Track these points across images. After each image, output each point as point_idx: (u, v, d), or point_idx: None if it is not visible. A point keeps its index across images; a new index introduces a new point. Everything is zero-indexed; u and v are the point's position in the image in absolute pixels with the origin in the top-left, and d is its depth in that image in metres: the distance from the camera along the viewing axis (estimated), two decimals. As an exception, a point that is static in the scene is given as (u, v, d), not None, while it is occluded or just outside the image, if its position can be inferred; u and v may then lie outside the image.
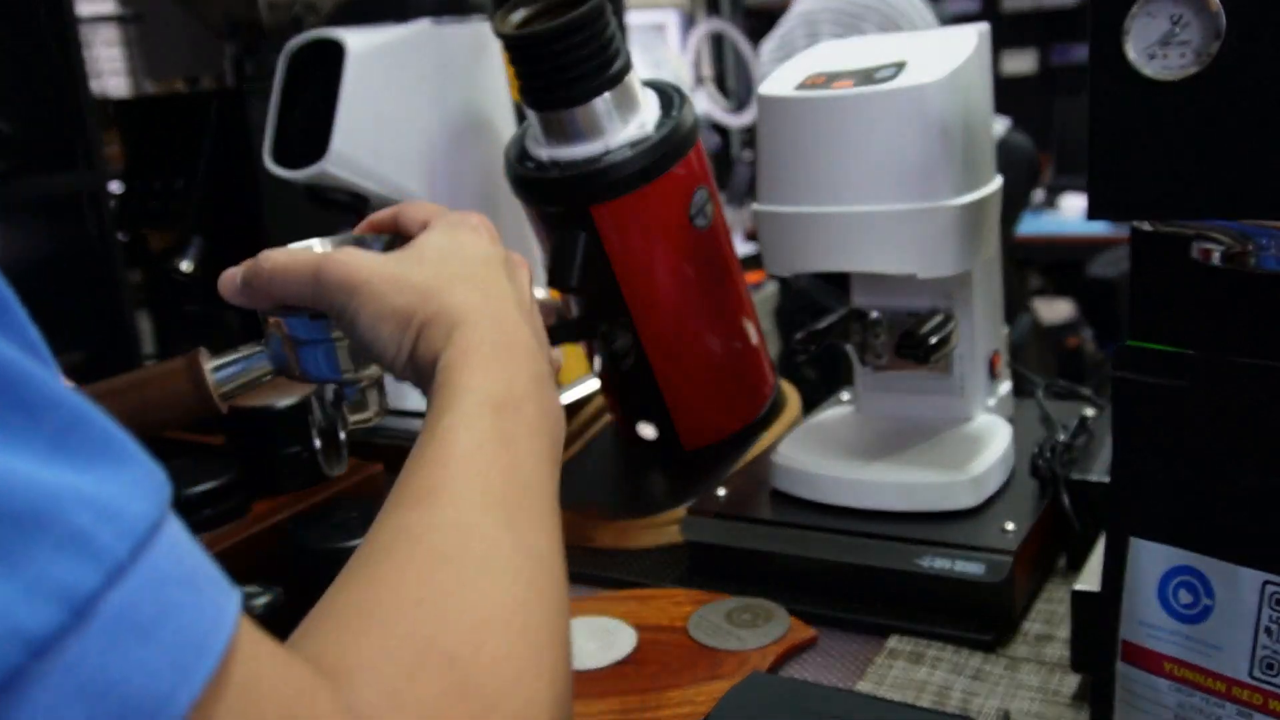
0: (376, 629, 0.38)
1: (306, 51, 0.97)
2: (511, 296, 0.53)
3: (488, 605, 0.39)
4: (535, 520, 0.44)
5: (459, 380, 0.47)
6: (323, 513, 0.79)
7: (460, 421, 0.45)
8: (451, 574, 0.40)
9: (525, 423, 0.47)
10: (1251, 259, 0.55)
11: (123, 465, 0.29)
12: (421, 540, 0.42)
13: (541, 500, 0.46)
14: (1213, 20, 0.51)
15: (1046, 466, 0.85)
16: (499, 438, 0.45)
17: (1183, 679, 0.54)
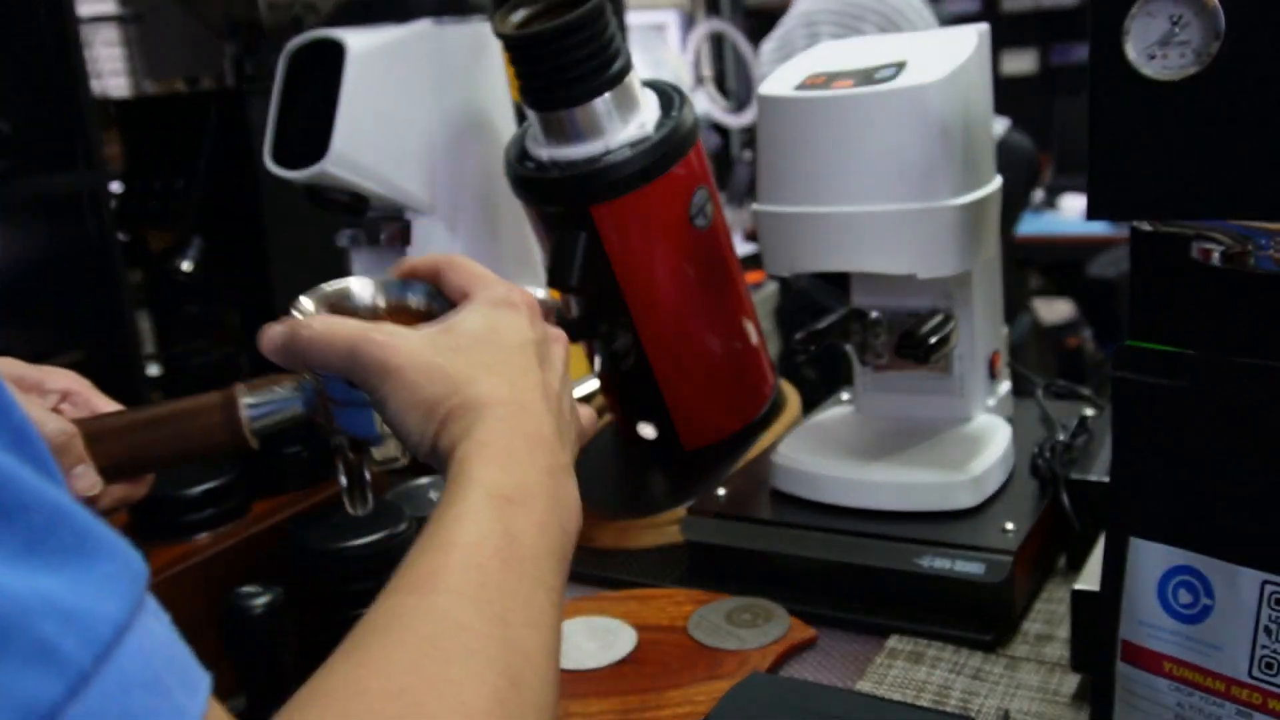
0: (356, 717, 0.39)
1: (306, 51, 0.96)
2: (540, 387, 0.54)
3: (468, 697, 0.40)
4: (530, 616, 0.45)
5: (471, 473, 0.48)
6: (323, 513, 0.79)
7: (467, 513, 0.46)
8: (437, 664, 0.41)
9: (533, 518, 0.48)
10: (1251, 259, 0.55)
11: (96, 562, 0.30)
12: (412, 627, 0.42)
13: (538, 595, 0.46)
14: (1213, 20, 0.51)
15: (1046, 466, 0.85)
16: (503, 532, 0.46)
17: (1182, 679, 0.54)
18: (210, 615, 0.69)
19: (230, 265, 1.40)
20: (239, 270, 1.37)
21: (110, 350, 1.65)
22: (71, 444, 0.58)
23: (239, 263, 1.40)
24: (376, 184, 0.97)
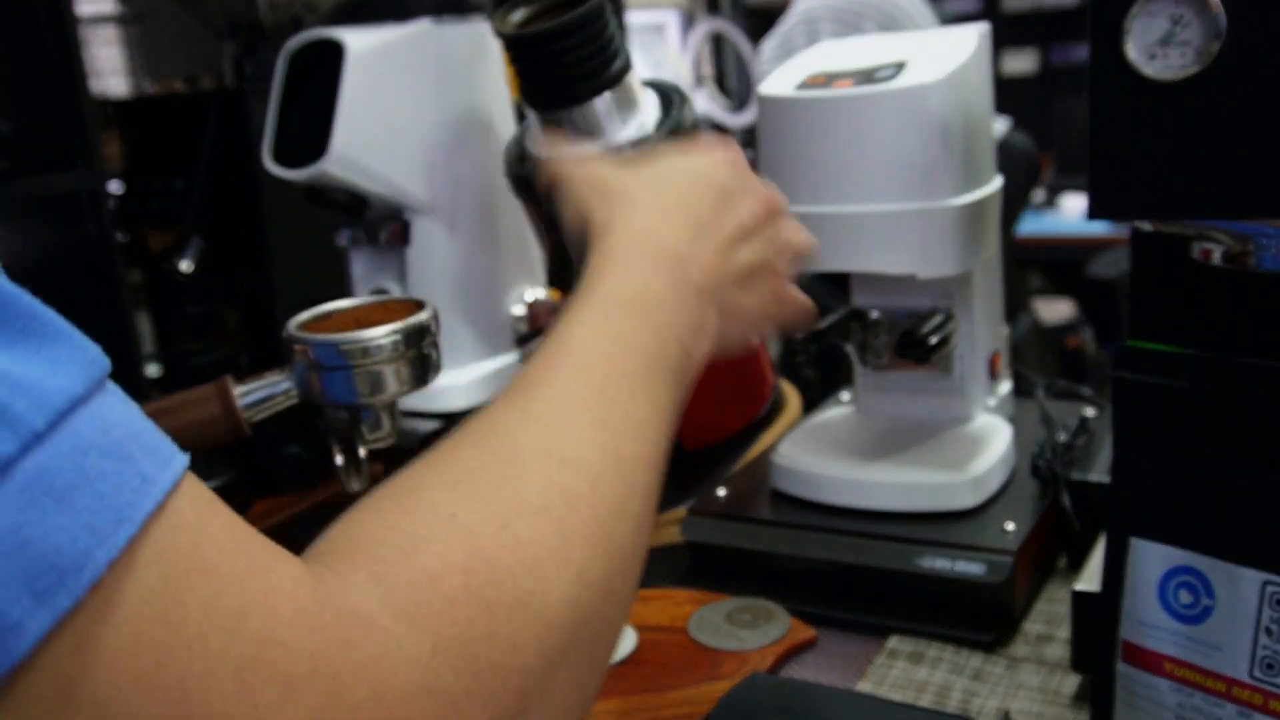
0: (395, 508, 0.38)
1: (306, 51, 0.96)
2: (692, 215, 0.53)
3: (532, 491, 0.39)
4: (631, 425, 0.43)
5: (593, 282, 0.49)
6: (323, 513, 0.79)
7: (581, 318, 0.46)
8: (508, 460, 0.40)
9: (650, 326, 0.47)
10: (1251, 259, 0.55)
11: (46, 344, 0.31)
12: (497, 428, 0.42)
13: (648, 404, 0.45)
14: (1213, 20, 0.51)
15: (1047, 466, 0.85)
16: (616, 336, 0.46)
17: (1183, 679, 0.54)
18: (210, 616, 0.69)
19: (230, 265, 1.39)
20: (239, 270, 1.37)
21: (110, 350, 1.65)
22: None
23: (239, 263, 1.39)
24: (376, 184, 0.97)
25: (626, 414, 0.44)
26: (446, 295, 1.02)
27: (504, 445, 0.41)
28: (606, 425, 0.42)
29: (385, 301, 0.70)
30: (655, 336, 0.47)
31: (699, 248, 0.53)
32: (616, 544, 0.40)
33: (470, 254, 1.03)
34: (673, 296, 0.49)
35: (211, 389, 0.65)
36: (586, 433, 0.42)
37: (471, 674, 0.34)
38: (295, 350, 0.65)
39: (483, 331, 1.04)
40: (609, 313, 0.46)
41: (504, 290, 1.06)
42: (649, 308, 0.48)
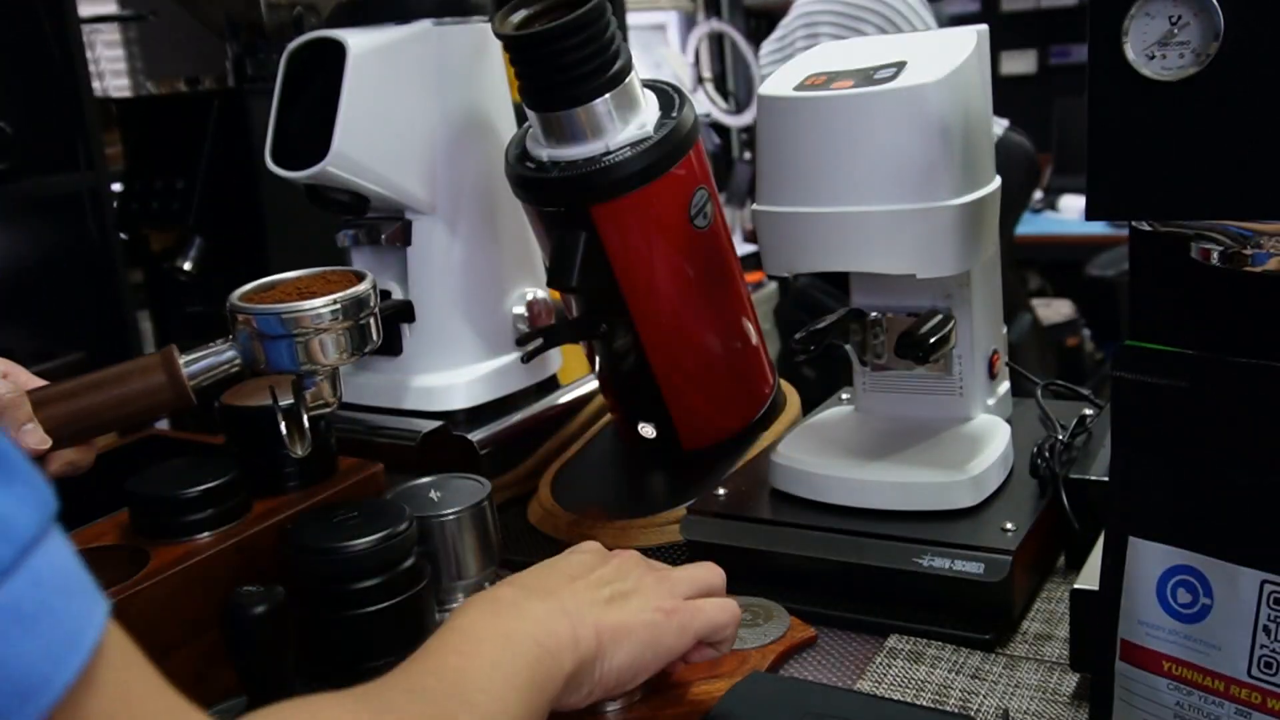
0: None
1: (307, 52, 0.96)
2: (554, 570, 0.69)
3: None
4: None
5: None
6: (323, 513, 0.79)
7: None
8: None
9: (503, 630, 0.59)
10: (1251, 259, 0.55)
11: (13, 482, 0.33)
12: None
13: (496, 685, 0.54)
14: (1211, 20, 0.51)
15: (1046, 466, 0.85)
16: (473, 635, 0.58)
17: (1181, 678, 0.54)
18: (210, 615, 0.69)
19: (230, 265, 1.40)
20: (239, 270, 1.37)
21: (110, 350, 1.65)
22: (20, 402, 0.64)
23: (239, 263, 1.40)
24: (377, 184, 0.97)
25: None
26: (447, 295, 1.03)
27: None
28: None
29: (326, 273, 0.74)
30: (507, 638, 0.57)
31: (565, 584, 0.65)
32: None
33: (471, 254, 1.03)
34: (534, 611, 0.60)
35: (156, 358, 0.68)
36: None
37: None
38: (238, 320, 0.69)
39: (483, 331, 1.04)
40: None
41: (504, 290, 1.06)
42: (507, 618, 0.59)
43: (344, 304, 0.70)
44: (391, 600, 0.75)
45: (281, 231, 1.30)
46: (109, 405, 0.68)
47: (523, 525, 1.00)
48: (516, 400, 1.06)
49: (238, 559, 0.76)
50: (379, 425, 1.01)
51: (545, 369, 1.10)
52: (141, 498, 0.77)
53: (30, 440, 0.64)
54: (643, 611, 0.64)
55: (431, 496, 0.86)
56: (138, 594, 0.69)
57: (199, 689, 0.74)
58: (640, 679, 0.64)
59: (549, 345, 0.98)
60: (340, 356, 0.71)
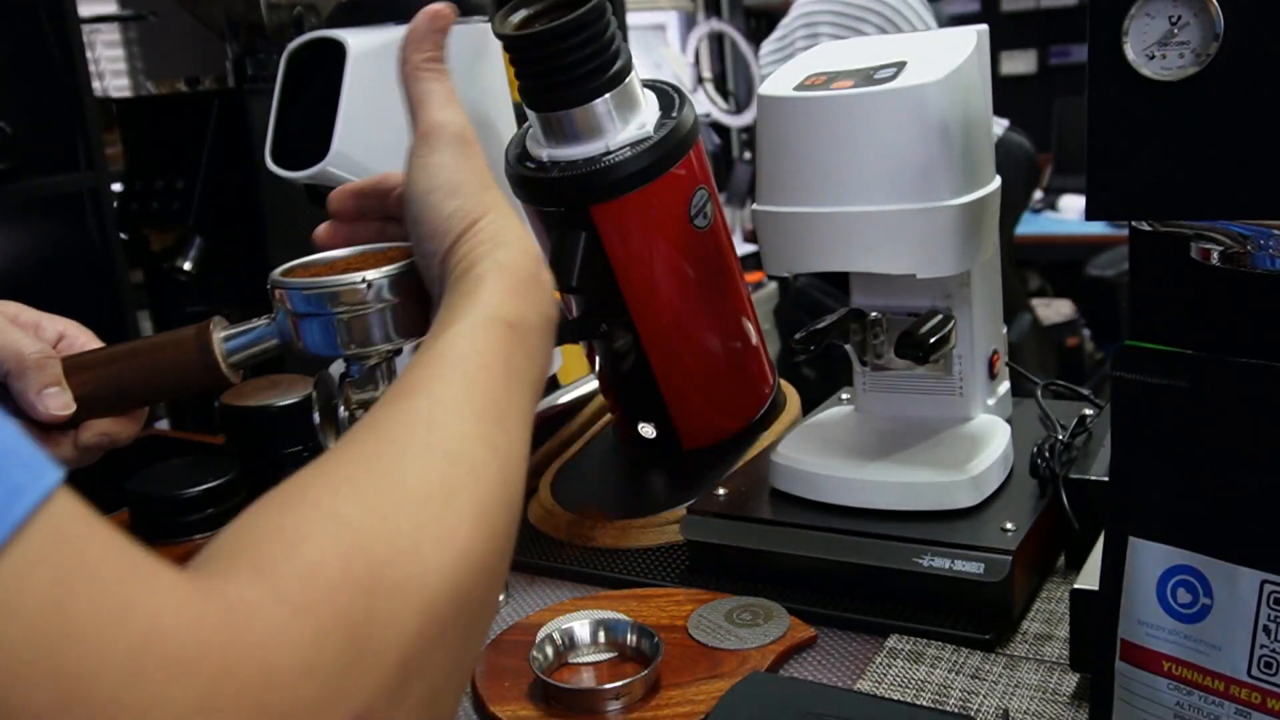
0: (280, 509, 0.40)
1: (307, 51, 0.96)
2: (542, 263, 0.57)
3: (414, 483, 0.41)
4: (505, 426, 0.47)
5: (482, 295, 0.51)
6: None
7: (467, 330, 0.49)
8: (392, 456, 0.42)
9: (523, 349, 0.51)
10: (1251, 259, 0.55)
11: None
12: (379, 429, 0.44)
13: (518, 413, 0.49)
14: (1211, 21, 0.51)
15: (1046, 466, 0.85)
16: (496, 351, 0.49)
17: (1181, 678, 0.54)
18: (211, 615, 0.69)
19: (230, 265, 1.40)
20: (239, 270, 1.37)
21: (111, 350, 1.65)
22: (48, 365, 0.61)
23: (239, 263, 1.40)
24: (377, 184, 0.97)
25: (501, 417, 0.47)
26: (447, 295, 1.02)
27: (389, 443, 0.43)
28: (483, 422, 0.46)
29: (388, 249, 0.65)
30: (526, 359, 0.51)
31: (548, 292, 0.58)
32: (495, 529, 0.44)
33: (470, 254, 1.03)
34: (541, 329, 0.53)
35: (192, 331, 0.63)
36: (467, 427, 0.45)
37: (353, 651, 0.36)
38: (275, 298, 0.61)
39: (483, 331, 1.04)
40: (491, 330, 0.50)
41: (504, 290, 1.06)
42: (527, 334, 0.52)
43: (388, 278, 0.60)
44: (391, 600, 0.75)
45: (281, 231, 1.30)
46: (140, 376, 0.63)
47: (522, 525, 0.99)
48: (516, 400, 1.06)
49: (238, 559, 0.76)
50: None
51: (545, 369, 1.10)
52: (141, 498, 0.77)
53: (52, 404, 0.61)
54: None
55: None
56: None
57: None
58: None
59: (549, 345, 0.98)
60: (388, 340, 0.61)
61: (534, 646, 0.74)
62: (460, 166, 0.59)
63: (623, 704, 0.70)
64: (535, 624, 0.80)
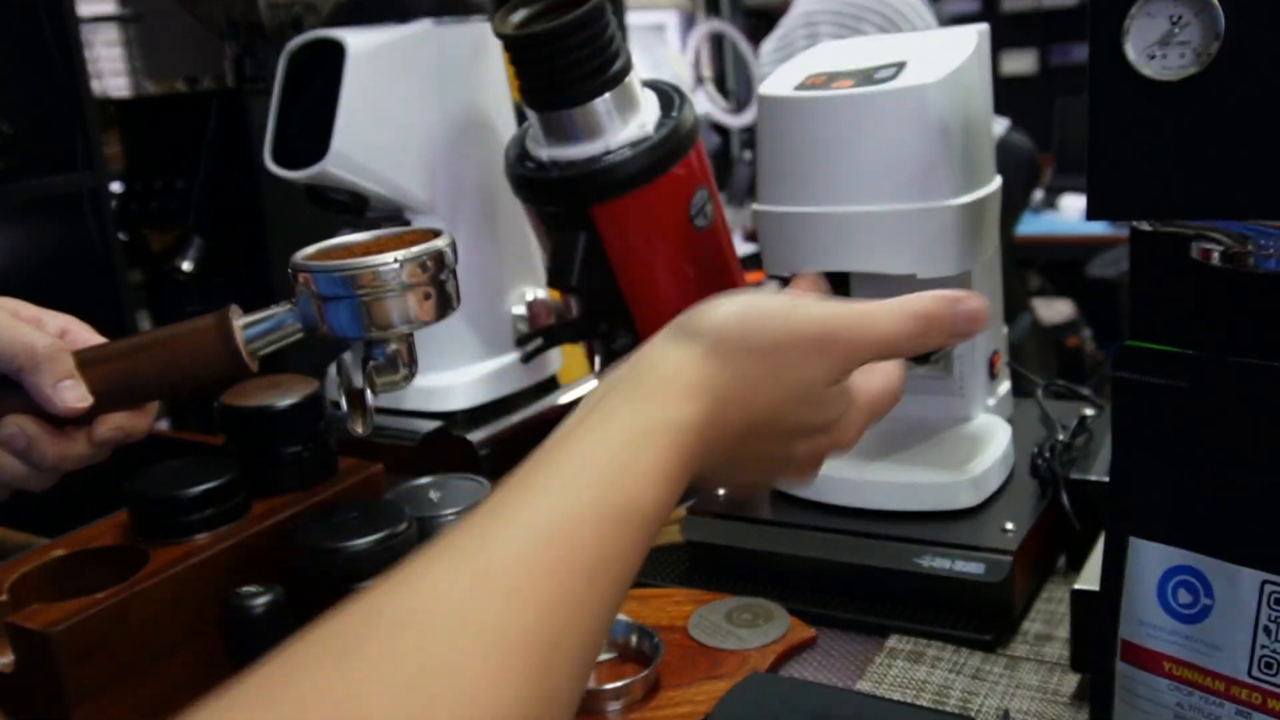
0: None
1: (306, 51, 0.96)
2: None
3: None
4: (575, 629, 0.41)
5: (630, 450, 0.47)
6: (323, 513, 0.79)
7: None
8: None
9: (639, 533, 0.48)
10: (1251, 259, 0.55)
11: None
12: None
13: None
14: (1212, 20, 0.51)
15: (1046, 466, 0.85)
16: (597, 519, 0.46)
17: (1182, 678, 0.54)
18: (210, 615, 0.69)
19: (230, 265, 1.40)
20: (239, 270, 1.37)
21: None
22: (59, 358, 0.59)
23: (239, 263, 1.40)
24: (376, 184, 0.97)
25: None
26: (447, 295, 1.02)
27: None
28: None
29: (404, 233, 0.65)
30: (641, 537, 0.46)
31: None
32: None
33: (471, 254, 1.03)
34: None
35: (212, 319, 0.61)
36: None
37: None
38: (299, 281, 0.61)
39: (483, 331, 1.04)
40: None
41: (504, 290, 1.06)
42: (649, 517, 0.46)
43: (412, 261, 0.61)
44: (391, 600, 0.75)
45: (281, 231, 1.30)
46: (158, 368, 0.62)
47: (523, 525, 1.00)
48: (516, 400, 1.06)
49: (238, 559, 0.76)
50: (379, 425, 1.01)
51: (545, 369, 1.10)
52: (141, 497, 0.77)
53: (69, 397, 0.59)
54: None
55: (431, 497, 0.86)
56: (138, 594, 0.69)
57: (198, 689, 0.74)
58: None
59: (549, 345, 0.98)
60: (412, 321, 0.62)
61: None
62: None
63: (623, 704, 0.70)
64: (535, 624, 0.80)
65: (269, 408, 0.81)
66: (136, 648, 0.70)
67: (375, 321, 0.61)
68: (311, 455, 0.84)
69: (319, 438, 0.85)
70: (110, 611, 0.68)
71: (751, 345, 0.49)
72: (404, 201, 1.00)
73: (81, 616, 0.66)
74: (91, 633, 0.67)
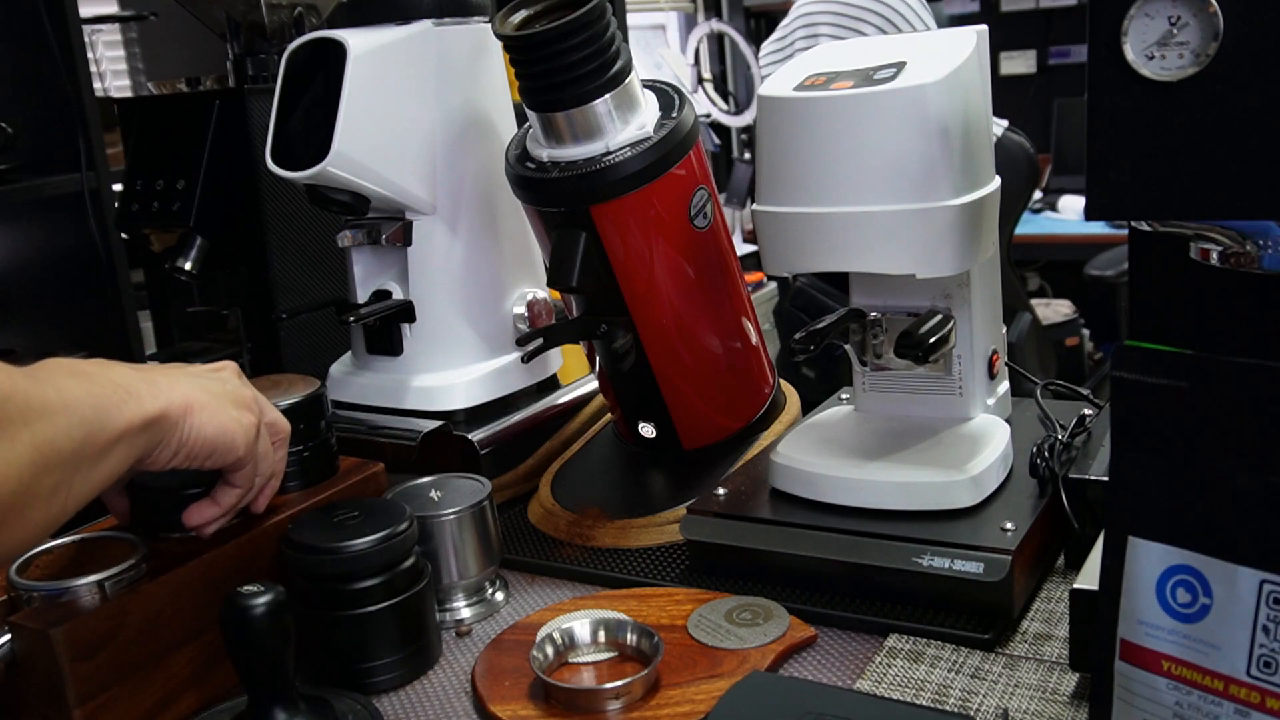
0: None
1: (307, 52, 0.97)
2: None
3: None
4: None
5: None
6: (323, 513, 0.79)
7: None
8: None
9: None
10: (1251, 259, 0.55)
11: None
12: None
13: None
14: (1211, 21, 0.51)
15: (1045, 466, 0.85)
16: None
17: (1181, 677, 0.54)
18: (210, 615, 0.69)
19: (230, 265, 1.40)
20: (239, 270, 1.37)
21: (110, 350, 1.65)
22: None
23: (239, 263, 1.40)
24: (377, 184, 0.97)
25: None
26: (447, 295, 1.03)
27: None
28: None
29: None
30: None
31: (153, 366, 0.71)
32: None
33: (471, 254, 1.03)
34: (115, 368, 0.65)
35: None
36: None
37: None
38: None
39: (483, 331, 1.05)
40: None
41: (504, 290, 1.06)
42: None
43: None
44: (391, 600, 0.75)
45: (281, 231, 1.30)
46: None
47: (523, 525, 1.00)
48: (516, 400, 1.06)
49: (238, 559, 0.76)
50: (379, 425, 1.01)
51: (545, 369, 1.10)
52: (144, 490, 0.77)
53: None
54: (223, 394, 0.71)
55: (432, 496, 0.86)
56: (138, 593, 0.70)
57: (199, 689, 0.74)
58: (220, 457, 0.70)
59: (549, 345, 0.98)
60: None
61: (534, 646, 0.74)
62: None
63: (623, 704, 0.70)
64: (535, 624, 0.80)
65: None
66: (136, 648, 0.70)
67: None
68: (311, 455, 0.84)
69: (319, 438, 0.85)
70: (110, 611, 0.68)
71: None
72: (404, 201, 1.00)
73: (81, 616, 0.67)
74: (91, 632, 0.67)
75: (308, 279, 1.32)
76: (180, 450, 0.67)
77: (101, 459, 0.62)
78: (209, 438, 0.68)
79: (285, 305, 1.29)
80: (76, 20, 1.63)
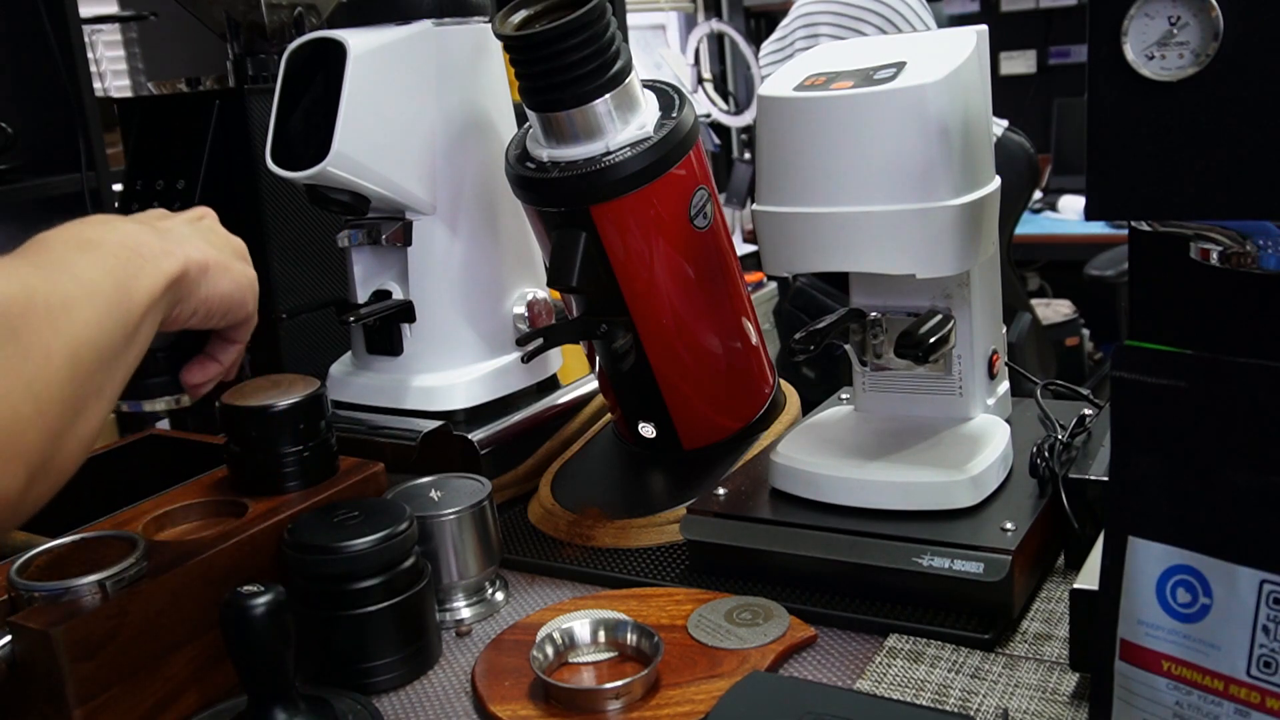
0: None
1: (307, 51, 0.97)
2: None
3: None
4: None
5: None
6: (323, 513, 0.79)
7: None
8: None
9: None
10: (1251, 259, 0.55)
11: None
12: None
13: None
14: (1211, 21, 0.51)
15: (1045, 466, 0.85)
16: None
17: (1181, 677, 0.54)
18: (210, 615, 0.69)
19: (230, 265, 1.40)
20: (239, 270, 1.37)
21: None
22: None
23: (239, 263, 1.40)
24: (377, 184, 0.97)
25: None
26: (447, 295, 1.03)
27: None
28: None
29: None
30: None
31: (155, 219, 0.66)
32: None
33: (471, 254, 1.03)
34: (124, 227, 0.62)
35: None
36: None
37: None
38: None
39: (483, 331, 1.05)
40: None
41: (505, 290, 1.06)
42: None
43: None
44: (391, 600, 0.75)
45: (281, 231, 1.30)
46: None
47: (523, 525, 1.00)
48: (516, 400, 1.06)
49: (238, 559, 0.76)
50: (379, 425, 1.01)
51: (545, 369, 1.10)
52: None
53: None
54: (226, 247, 0.69)
55: (432, 496, 0.86)
56: (138, 593, 0.70)
57: (199, 689, 0.74)
58: (234, 315, 0.68)
59: (549, 345, 0.98)
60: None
61: (534, 646, 0.74)
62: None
63: (623, 704, 0.70)
64: (535, 624, 0.80)
65: (269, 408, 0.81)
66: (136, 648, 0.70)
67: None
68: (311, 455, 0.84)
69: (319, 438, 0.85)
70: (110, 611, 0.68)
71: None
72: (404, 201, 1.00)
73: (81, 616, 0.67)
74: (92, 632, 0.67)
75: (308, 279, 1.32)
76: (199, 310, 0.63)
77: (134, 340, 0.57)
78: (225, 294, 0.64)
79: (285, 305, 1.29)
80: (76, 20, 1.63)
